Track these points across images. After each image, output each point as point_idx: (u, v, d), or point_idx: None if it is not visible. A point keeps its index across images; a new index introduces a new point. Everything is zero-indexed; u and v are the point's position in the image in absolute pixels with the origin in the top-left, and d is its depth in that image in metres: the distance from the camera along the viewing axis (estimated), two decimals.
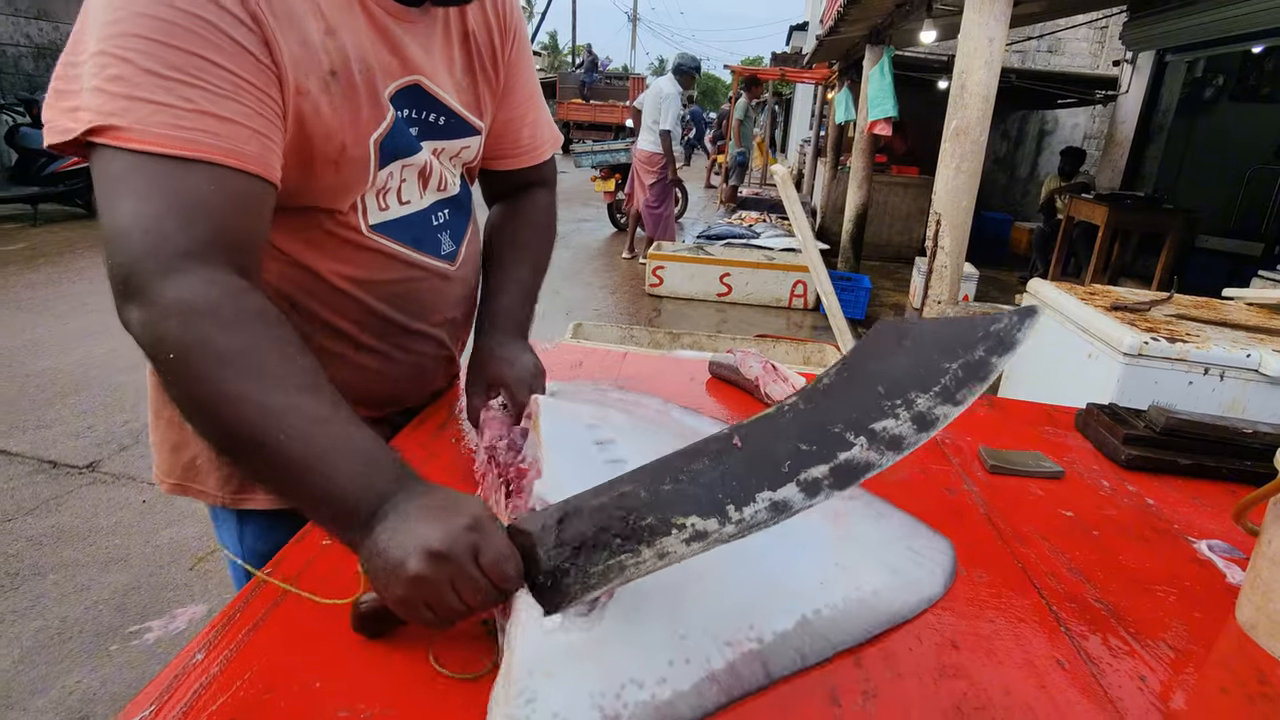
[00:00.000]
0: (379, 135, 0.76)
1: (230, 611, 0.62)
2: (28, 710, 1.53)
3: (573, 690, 0.51)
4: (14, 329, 3.68)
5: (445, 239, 0.93)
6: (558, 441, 0.73)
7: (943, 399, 0.56)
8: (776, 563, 0.70)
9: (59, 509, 2.23)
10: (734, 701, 0.56)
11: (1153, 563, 0.83)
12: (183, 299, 0.57)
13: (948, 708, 0.59)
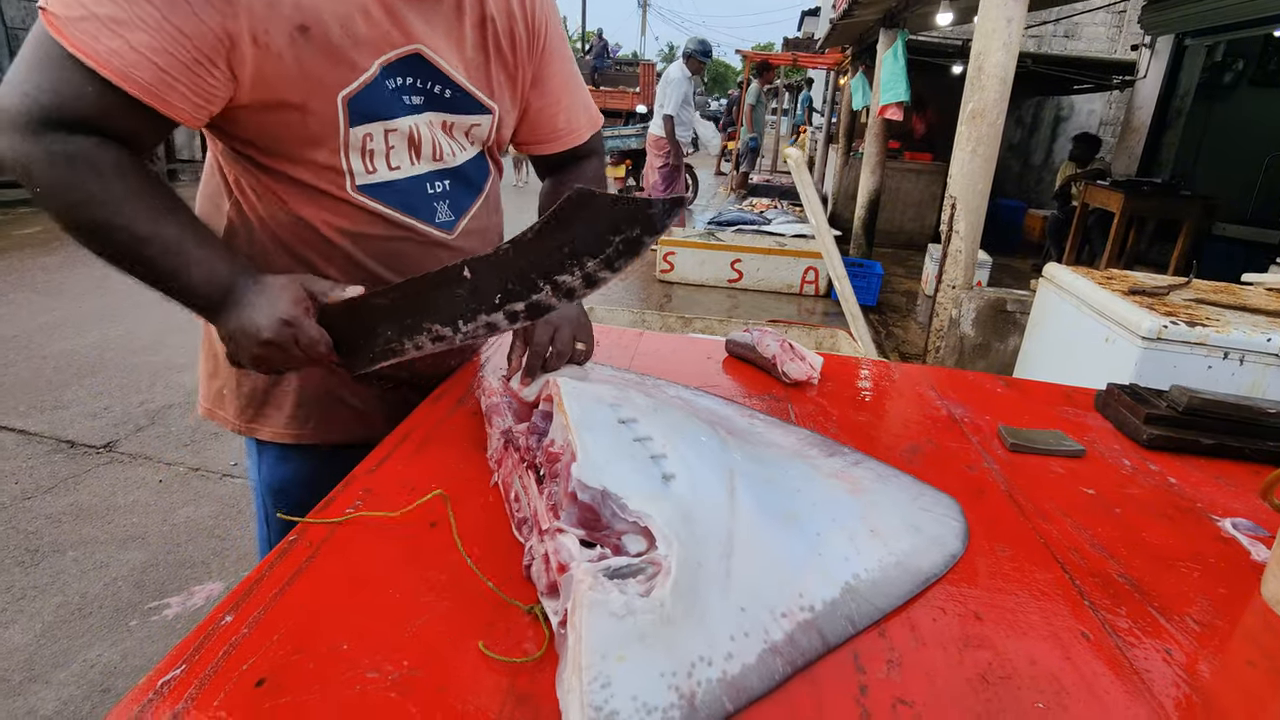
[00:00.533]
0: (348, 92, 0.81)
1: (257, 574, 0.63)
2: (50, 683, 1.56)
3: (646, 672, 0.51)
4: (31, 311, 3.71)
5: (442, 208, 0.96)
6: (585, 422, 0.73)
7: (605, 266, 0.75)
8: (810, 533, 0.70)
9: (77, 488, 2.25)
10: (798, 672, 0.56)
11: (1176, 540, 0.83)
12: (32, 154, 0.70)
13: (973, 677, 0.59)
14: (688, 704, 0.51)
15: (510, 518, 0.72)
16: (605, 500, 0.65)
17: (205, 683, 0.51)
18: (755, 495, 0.72)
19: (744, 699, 0.54)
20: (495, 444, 0.82)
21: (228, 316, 0.77)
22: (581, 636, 0.52)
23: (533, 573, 0.63)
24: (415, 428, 0.91)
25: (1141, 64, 6.28)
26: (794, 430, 0.98)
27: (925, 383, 1.26)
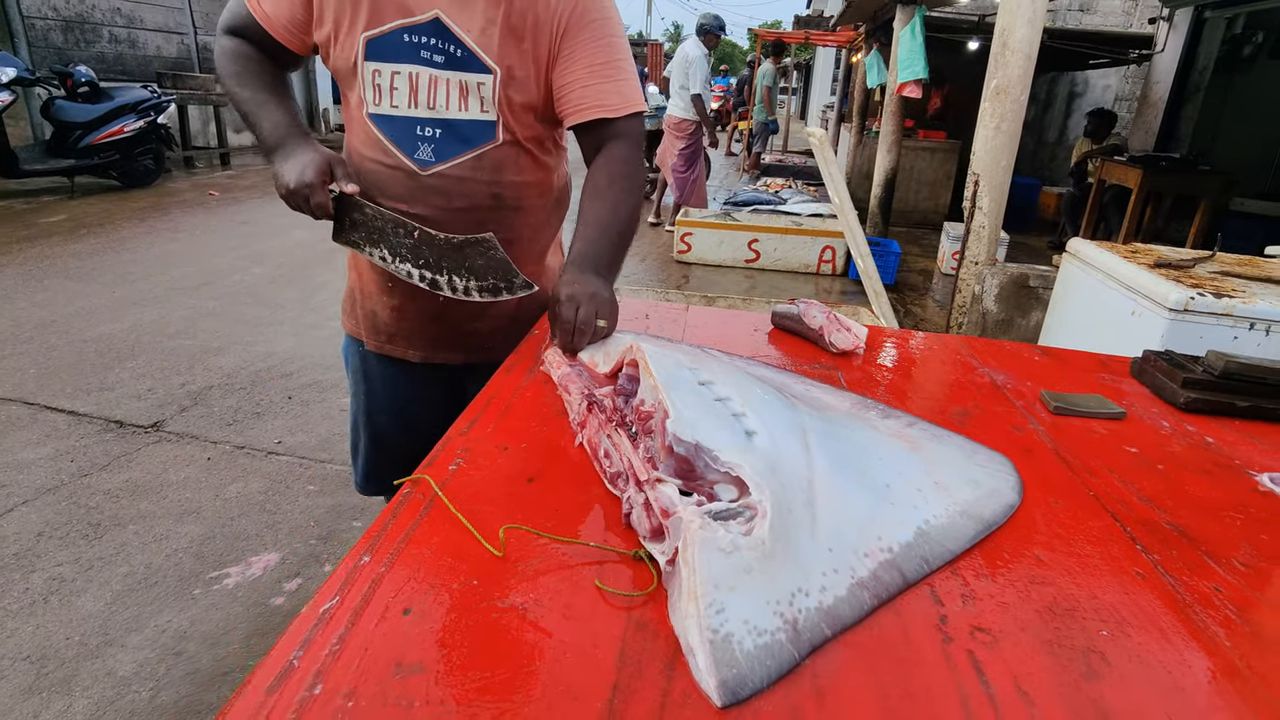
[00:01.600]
0: (370, 35, 1.09)
1: (382, 522, 0.69)
2: (126, 646, 1.64)
3: (754, 600, 0.57)
4: (65, 297, 3.79)
5: (425, 149, 1.15)
6: (671, 383, 0.79)
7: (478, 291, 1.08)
8: (880, 484, 0.76)
9: (130, 465, 2.33)
10: (883, 604, 0.62)
11: (1217, 493, 0.88)
12: (218, 45, 1.19)
13: (1041, 609, 0.64)
14: (791, 628, 0.57)
15: (601, 473, 0.78)
16: (699, 453, 0.70)
17: (360, 611, 0.58)
18: (827, 450, 0.78)
19: (839, 626, 0.60)
20: (578, 408, 0.88)
21: (276, 161, 1.10)
22: (695, 570, 0.58)
23: (633, 520, 0.69)
24: (496, 394, 0.97)
25: (1159, 38, 6.22)
26: (847, 395, 1.03)
27: (964, 351, 1.31)
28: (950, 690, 0.55)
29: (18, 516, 2.05)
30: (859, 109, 8.42)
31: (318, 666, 0.52)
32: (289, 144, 1.10)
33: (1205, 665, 0.59)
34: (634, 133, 1.19)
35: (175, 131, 7.72)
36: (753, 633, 0.55)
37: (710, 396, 0.79)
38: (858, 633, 0.60)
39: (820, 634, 0.58)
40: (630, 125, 1.18)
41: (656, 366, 0.80)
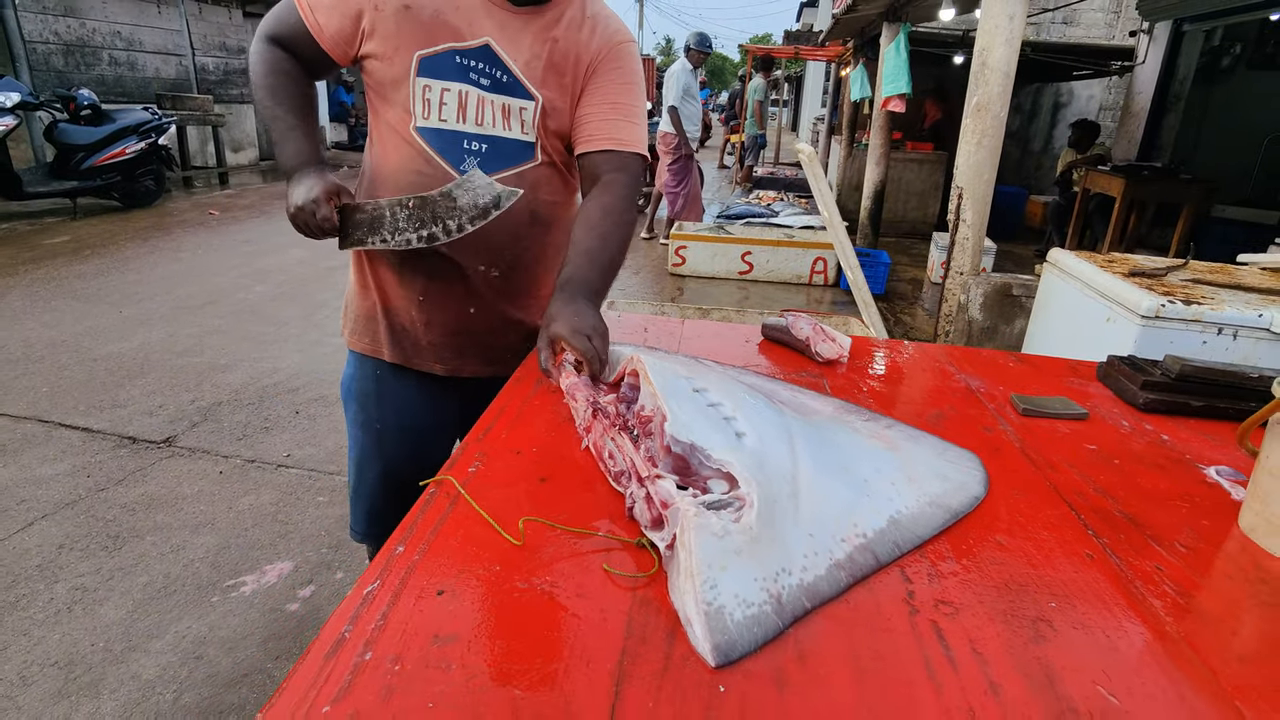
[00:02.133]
0: (423, 53, 1.18)
1: (413, 518, 0.77)
2: (149, 651, 1.71)
3: (742, 577, 0.65)
4: (73, 317, 3.86)
5: (471, 161, 1.24)
6: (668, 391, 0.87)
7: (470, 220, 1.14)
8: (859, 479, 0.84)
9: (145, 479, 2.40)
10: (857, 582, 0.71)
11: (1167, 484, 0.97)
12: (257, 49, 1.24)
13: (998, 584, 0.73)
14: (776, 601, 0.66)
15: (606, 473, 0.86)
16: (693, 452, 0.79)
17: (399, 592, 0.66)
18: (810, 450, 0.87)
19: (818, 600, 0.68)
20: (583, 415, 0.96)
21: (289, 184, 1.18)
22: (692, 551, 0.66)
23: (635, 513, 0.77)
24: (508, 403, 1.05)
25: (1140, 50, 6.38)
26: (831, 400, 1.12)
27: (943, 359, 1.40)
28: (915, 653, 0.63)
29: (39, 530, 2.12)
30: (848, 122, 8.57)
31: (366, 637, 0.60)
32: (304, 172, 1.18)
33: (1141, 631, 0.68)
34: (633, 171, 1.27)
35: (175, 152, 7.82)
36: (742, 605, 0.64)
37: (704, 402, 0.88)
38: (835, 606, 0.68)
39: (801, 606, 0.66)
40: (631, 163, 1.27)
41: (655, 375, 0.89)
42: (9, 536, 2.09)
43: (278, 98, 1.21)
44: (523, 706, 0.55)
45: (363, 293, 1.38)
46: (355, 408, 1.44)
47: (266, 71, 1.22)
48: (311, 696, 0.55)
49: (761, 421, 0.88)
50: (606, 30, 1.27)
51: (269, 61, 1.22)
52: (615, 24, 1.29)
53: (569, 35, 1.23)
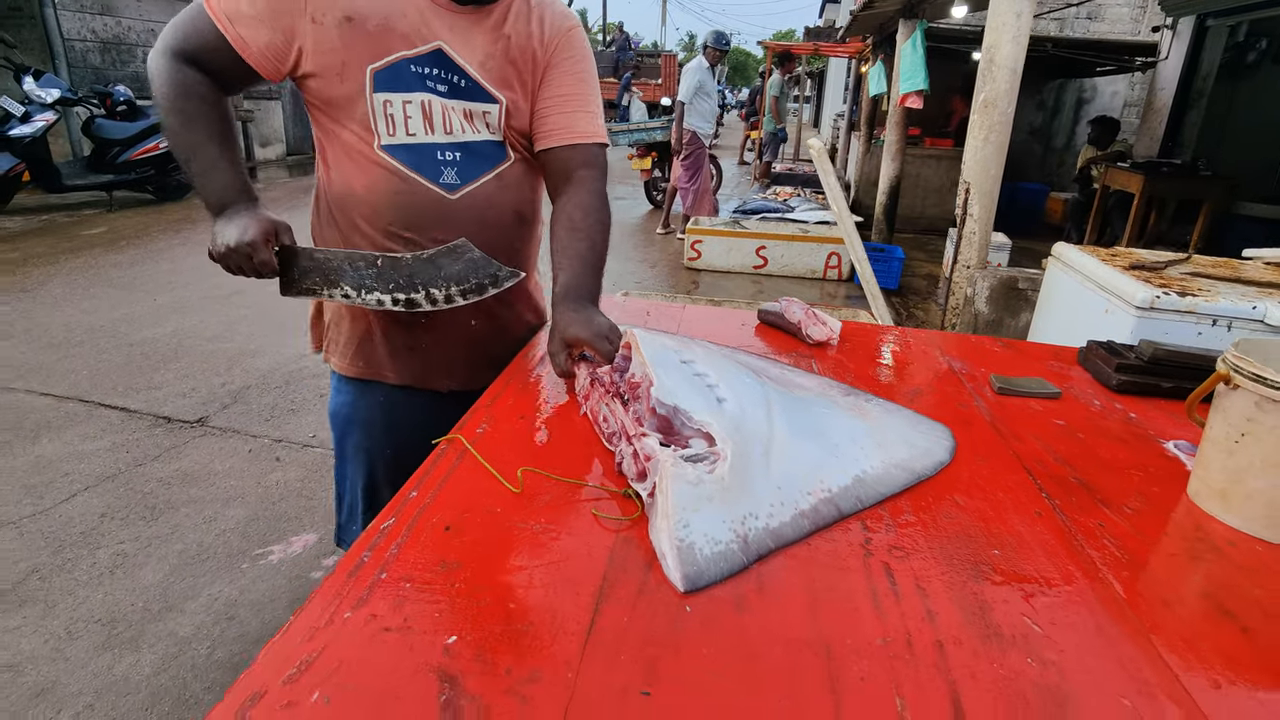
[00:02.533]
0: (376, 66, 1.10)
1: (425, 469, 0.86)
2: (184, 612, 1.83)
3: (712, 519, 0.74)
4: (110, 304, 4.03)
5: (449, 172, 1.18)
6: (656, 360, 0.96)
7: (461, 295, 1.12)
8: (830, 444, 0.92)
9: (179, 456, 2.54)
10: (819, 530, 0.79)
11: (1125, 455, 1.03)
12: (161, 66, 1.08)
13: (948, 535, 0.81)
14: (742, 541, 0.74)
15: (600, 434, 0.95)
16: (676, 414, 0.88)
17: (411, 528, 0.75)
18: (787, 416, 0.95)
19: (781, 542, 0.76)
20: (583, 383, 1.05)
21: (218, 221, 1.07)
22: (668, 496, 0.75)
23: (624, 468, 0.86)
24: (515, 375, 1.15)
25: (1163, 45, 6.33)
26: (817, 377, 1.20)
27: (931, 344, 1.47)
28: (864, 587, 0.71)
29: (82, 501, 2.26)
30: (866, 118, 8.57)
31: (383, 562, 0.70)
32: (234, 208, 1.08)
33: (1075, 575, 0.75)
34: (600, 163, 1.26)
35: None
36: (710, 542, 0.72)
37: (690, 372, 0.96)
38: (796, 548, 0.77)
39: (765, 546, 0.75)
40: (597, 155, 1.26)
41: (646, 347, 0.97)
42: (55, 506, 2.23)
43: (194, 126, 1.08)
44: (515, 616, 0.64)
45: (352, 314, 1.28)
46: (358, 435, 1.34)
47: (176, 95, 1.07)
48: (336, 604, 0.64)
49: (743, 390, 0.96)
50: (554, 18, 1.22)
51: (179, 84, 1.07)
52: (560, 10, 1.24)
53: (519, 29, 1.18)
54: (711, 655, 0.61)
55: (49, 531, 2.11)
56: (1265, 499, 0.83)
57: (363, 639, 0.60)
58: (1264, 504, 0.84)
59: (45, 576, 1.93)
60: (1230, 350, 0.90)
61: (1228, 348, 0.90)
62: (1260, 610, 0.72)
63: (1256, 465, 0.84)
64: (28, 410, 2.81)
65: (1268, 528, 0.84)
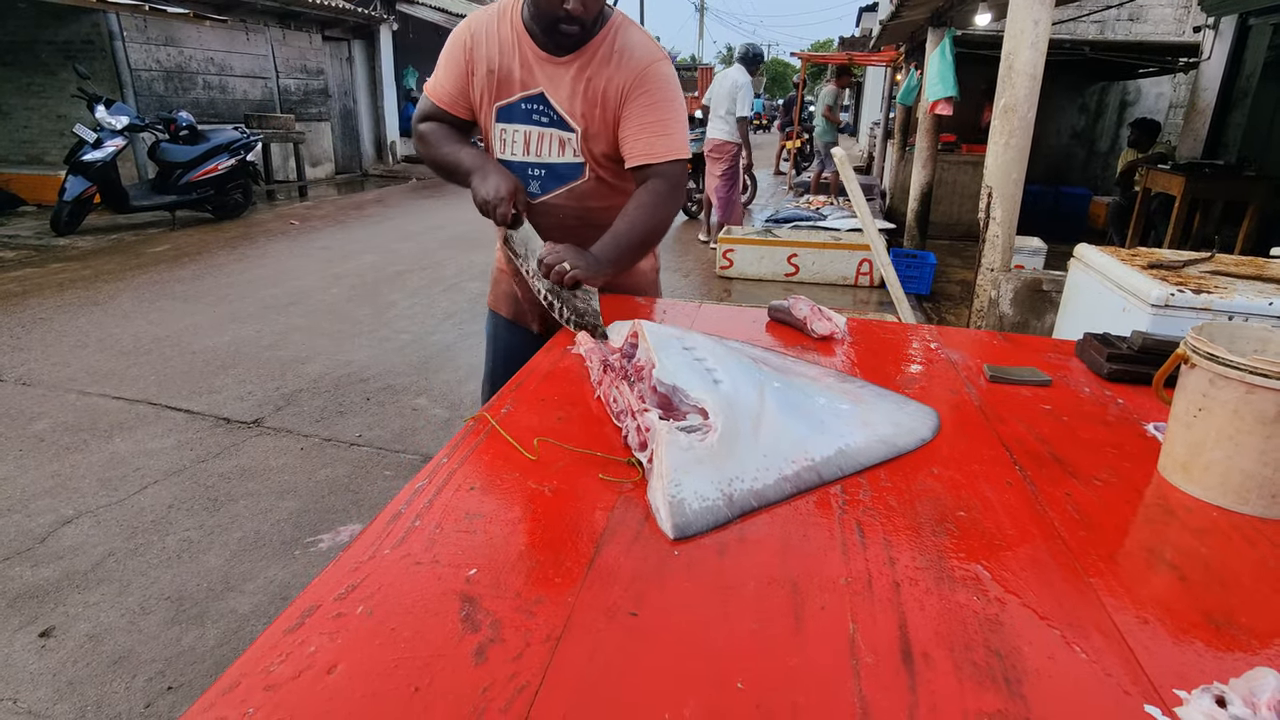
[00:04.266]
0: (501, 103, 1.55)
1: (454, 441, 0.99)
2: (244, 592, 1.99)
3: (702, 480, 0.83)
4: (175, 316, 4.31)
5: (534, 185, 1.59)
6: (659, 348, 1.07)
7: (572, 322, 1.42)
8: (817, 421, 1.02)
9: (237, 453, 2.73)
10: (800, 493, 0.88)
11: (1105, 436, 1.10)
12: (416, 133, 1.65)
13: (918, 499, 0.89)
14: (728, 499, 0.84)
15: (610, 413, 1.06)
16: (675, 392, 0.98)
17: (441, 488, 0.87)
18: (778, 397, 1.04)
19: (764, 502, 0.86)
20: (596, 370, 1.16)
21: (474, 180, 1.50)
22: (662, 459, 0.85)
23: (628, 440, 0.97)
24: (539, 364, 1.27)
25: (1205, 45, 6.22)
26: (816, 366, 1.29)
27: (931, 337, 1.54)
28: (835, 539, 0.81)
29: (151, 493, 2.46)
30: (900, 126, 8.57)
31: (416, 512, 0.82)
32: (485, 168, 1.50)
33: (1033, 534, 0.83)
34: (671, 174, 1.52)
35: (260, 167, 8.44)
36: (698, 499, 0.82)
37: (690, 357, 1.07)
38: (777, 507, 0.86)
39: (748, 505, 0.85)
40: (669, 168, 1.51)
41: (649, 335, 1.08)
42: (129, 497, 2.43)
43: (438, 145, 1.59)
44: (526, 555, 0.75)
45: (496, 264, 1.83)
46: (486, 341, 1.88)
47: (424, 142, 1.62)
48: (376, 544, 0.76)
49: (739, 373, 1.06)
50: (631, 61, 1.49)
51: (423, 134, 1.61)
52: (640, 52, 1.50)
53: (599, 72, 1.48)
54: (693, 589, 0.72)
55: (123, 520, 2.30)
56: (1220, 469, 0.90)
57: (399, 570, 0.72)
58: (1219, 473, 0.90)
59: (120, 559, 2.11)
60: (1190, 333, 0.97)
61: (1188, 331, 0.97)
62: (1202, 564, 0.79)
63: (1212, 438, 0.91)
64: (102, 412, 3.05)
65: (1223, 495, 0.90)
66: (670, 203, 1.53)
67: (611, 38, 1.50)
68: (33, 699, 1.63)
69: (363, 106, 12.58)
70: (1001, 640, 0.66)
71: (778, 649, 0.64)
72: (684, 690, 0.59)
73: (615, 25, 1.52)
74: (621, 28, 1.52)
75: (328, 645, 0.62)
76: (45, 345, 3.79)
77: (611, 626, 0.66)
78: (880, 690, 0.60)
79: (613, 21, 1.52)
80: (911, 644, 0.65)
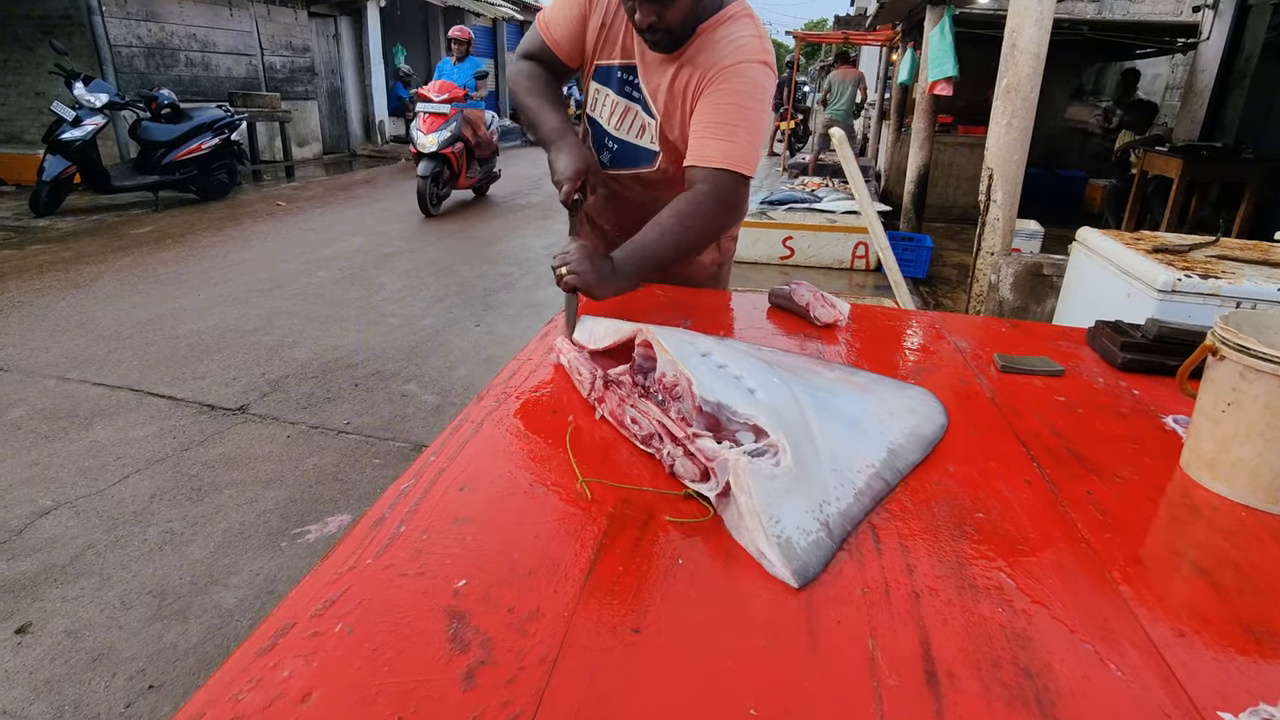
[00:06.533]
0: (601, 62, 1.50)
1: (443, 436, 0.93)
2: (228, 585, 1.94)
3: (797, 512, 0.76)
4: (158, 300, 4.21)
5: (605, 155, 1.59)
6: (682, 356, 0.97)
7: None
8: (851, 418, 0.96)
9: (222, 441, 2.67)
10: (876, 504, 0.83)
11: (1123, 429, 1.05)
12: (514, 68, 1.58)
13: (939, 499, 0.84)
14: (825, 528, 0.76)
15: (631, 438, 0.95)
16: (721, 409, 0.89)
17: (429, 489, 0.82)
18: (808, 397, 0.98)
19: (852, 524, 0.78)
20: (593, 387, 1.04)
21: (551, 152, 1.45)
22: (751, 495, 0.75)
23: (677, 469, 0.86)
24: (531, 354, 1.21)
25: (1204, 26, 6.15)
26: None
27: (938, 324, 1.49)
28: (848, 545, 0.76)
29: (133, 483, 2.39)
30: (896, 107, 8.47)
31: (402, 516, 0.76)
32: (561, 142, 1.46)
33: (1056, 537, 0.79)
34: (720, 185, 1.36)
35: (245, 147, 8.28)
36: (803, 534, 0.74)
37: (713, 364, 0.99)
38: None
39: (844, 530, 0.77)
40: (718, 177, 1.36)
41: (668, 344, 0.99)
42: (109, 487, 2.37)
43: (531, 92, 1.52)
44: (519, 564, 0.70)
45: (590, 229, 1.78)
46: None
47: (522, 78, 1.55)
48: (359, 552, 0.71)
49: (760, 377, 0.98)
50: (720, 53, 1.37)
51: (523, 71, 1.56)
52: (735, 47, 1.37)
53: (691, 60, 1.39)
54: (699, 601, 0.67)
55: (103, 511, 2.24)
56: (1249, 466, 0.86)
57: (381, 582, 0.67)
58: (1248, 471, 0.86)
59: (100, 552, 2.05)
60: (1218, 323, 0.92)
61: (1215, 320, 0.92)
62: (1233, 568, 0.75)
63: (1241, 433, 0.86)
64: (82, 399, 2.97)
65: (1251, 493, 0.86)
66: (712, 219, 1.38)
67: (716, 28, 1.39)
68: (7, 698, 1.58)
69: (350, 85, 12.35)
70: (1031, 657, 0.61)
71: (792, 669, 0.59)
72: (692, 718, 0.55)
73: (729, 16, 1.40)
74: (734, 20, 1.40)
75: (302, 669, 0.57)
76: (23, 330, 3.69)
77: (612, 646, 0.61)
78: (904, 715, 0.55)
79: (729, 11, 1.40)
80: (935, 662, 0.60)
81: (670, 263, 1.39)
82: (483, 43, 16.12)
